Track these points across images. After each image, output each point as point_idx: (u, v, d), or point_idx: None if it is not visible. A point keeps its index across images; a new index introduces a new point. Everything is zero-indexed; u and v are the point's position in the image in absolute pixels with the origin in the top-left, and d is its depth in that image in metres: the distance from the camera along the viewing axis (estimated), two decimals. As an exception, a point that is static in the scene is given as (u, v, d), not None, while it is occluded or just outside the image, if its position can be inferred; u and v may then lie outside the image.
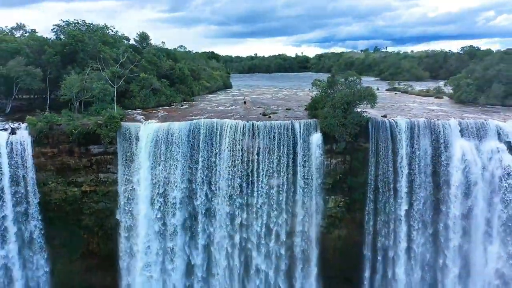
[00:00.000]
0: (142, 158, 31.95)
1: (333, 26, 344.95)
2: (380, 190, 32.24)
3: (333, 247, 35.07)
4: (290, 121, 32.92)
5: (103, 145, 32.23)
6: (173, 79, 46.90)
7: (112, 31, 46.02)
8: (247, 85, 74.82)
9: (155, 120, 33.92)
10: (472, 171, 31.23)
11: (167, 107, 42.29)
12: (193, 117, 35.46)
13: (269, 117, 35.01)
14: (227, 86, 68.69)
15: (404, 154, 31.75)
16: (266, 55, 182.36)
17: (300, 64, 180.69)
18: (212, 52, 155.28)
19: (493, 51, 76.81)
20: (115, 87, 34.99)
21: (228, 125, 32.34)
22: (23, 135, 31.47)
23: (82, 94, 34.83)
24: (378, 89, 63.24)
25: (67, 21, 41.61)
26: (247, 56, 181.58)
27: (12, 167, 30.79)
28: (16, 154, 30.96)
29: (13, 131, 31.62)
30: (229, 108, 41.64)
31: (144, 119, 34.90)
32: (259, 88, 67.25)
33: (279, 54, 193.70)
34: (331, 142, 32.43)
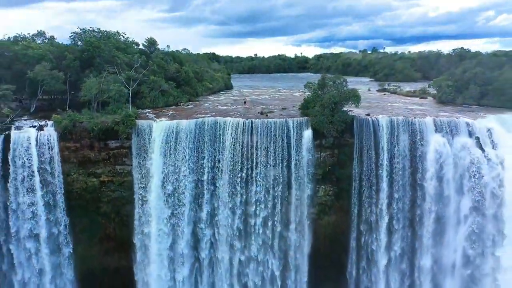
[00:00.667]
0: (155, 152, 36.25)
1: (333, 26, 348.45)
2: (364, 180, 36.54)
3: (324, 233, 39.45)
4: (284, 119, 37.23)
5: (120, 140, 36.54)
6: (179, 81, 51.19)
7: (123, 37, 50.30)
8: (246, 86, 79.11)
9: (165, 118, 38.28)
10: (444, 162, 35.52)
11: (174, 106, 46.60)
12: (198, 115, 39.78)
13: (266, 115, 39.30)
14: (228, 87, 72.94)
15: (385, 148, 36.06)
16: (266, 55, 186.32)
17: (299, 65, 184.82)
18: (213, 53, 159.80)
19: (481, 53, 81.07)
20: (130, 89, 39.29)
21: (230, 122, 36.62)
22: (50, 131, 35.76)
23: (100, 95, 39.09)
24: (369, 89, 67.99)
25: (83, 28, 46.04)
26: (247, 57, 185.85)
27: (41, 160, 35.07)
28: (44, 148, 35.24)
29: (40, 128, 35.94)
30: (230, 108, 45.97)
31: (155, 117, 39.22)
32: (258, 89, 71.55)
33: (278, 55, 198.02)
34: (321, 138, 36.75)
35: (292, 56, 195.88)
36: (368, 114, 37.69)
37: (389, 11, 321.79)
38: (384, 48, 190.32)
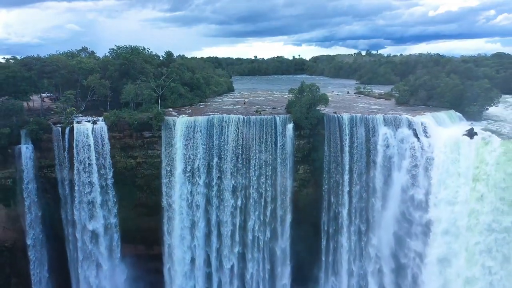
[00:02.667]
0: (178, 140, 49.36)
1: (334, 25, 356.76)
2: (332, 160, 49.43)
3: (303, 201, 52.38)
4: (273, 116, 50.28)
5: (152, 131, 49.63)
6: (192, 85, 64.20)
7: (148, 52, 63.28)
8: (246, 89, 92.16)
9: (185, 115, 51.38)
10: (389, 147, 48.38)
11: (189, 106, 59.62)
12: (209, 113, 52.81)
13: (260, 113, 52.34)
14: (230, 89, 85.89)
15: (347, 137, 49.01)
16: (266, 56, 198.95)
17: (297, 67, 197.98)
18: (216, 57, 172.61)
19: (452, 59, 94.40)
20: (159, 93, 52.49)
21: (232, 118, 49.69)
22: (101, 124, 48.86)
23: (135, 98, 52.21)
24: (348, 92, 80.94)
25: (119, 46, 59.04)
26: (247, 59, 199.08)
27: (96, 146, 48.19)
28: (98, 137, 48.31)
29: (94, 122, 49.07)
30: (233, 107, 59.03)
31: (177, 114, 52.32)
32: (255, 91, 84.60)
33: (277, 56, 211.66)
34: (300, 130, 49.66)
35: (290, 58, 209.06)
36: (335, 112, 50.76)
37: (389, 11, 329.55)
38: (378, 51, 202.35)
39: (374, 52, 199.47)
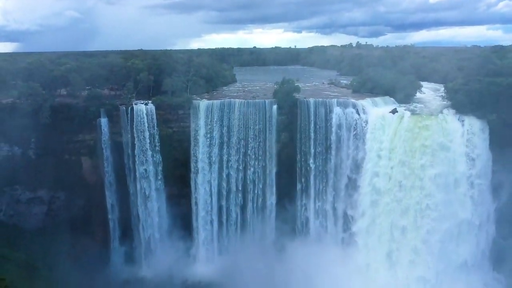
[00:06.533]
0: (201, 116, 74.74)
1: (334, 12, 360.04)
2: (302, 131, 74.58)
3: (284, 159, 77.85)
4: (264, 100, 75.69)
5: (184, 110, 75.00)
6: (207, 78, 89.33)
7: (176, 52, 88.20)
8: (246, 79, 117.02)
9: (205, 100, 76.68)
10: (341, 123, 73.53)
11: (206, 94, 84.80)
12: (221, 98, 77.98)
13: (255, 98, 77.68)
14: (233, 80, 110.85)
15: (312, 115, 74.24)
16: (266, 44, 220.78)
17: (292, 57, 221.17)
18: (218, 49, 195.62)
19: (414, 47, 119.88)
20: (188, 85, 77.88)
21: (237, 102, 75.06)
22: (151, 106, 74.06)
23: (171, 88, 77.38)
24: (323, 83, 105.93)
25: (155, 50, 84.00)
26: (247, 49, 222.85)
27: (147, 119, 73.47)
28: (149, 114, 73.49)
29: (146, 104, 74.30)
30: (237, 94, 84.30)
31: (199, 99, 77.56)
32: (253, 82, 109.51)
33: (275, 47, 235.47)
34: (281, 109, 74.59)
35: (289, 46, 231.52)
36: (305, 97, 76.09)
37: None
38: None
39: (370, 41, 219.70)
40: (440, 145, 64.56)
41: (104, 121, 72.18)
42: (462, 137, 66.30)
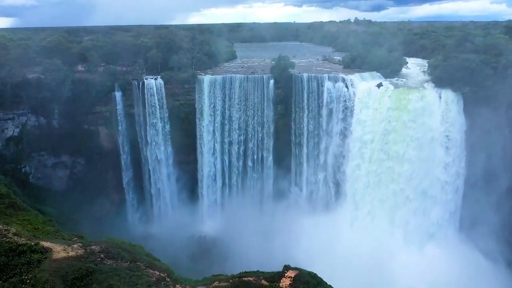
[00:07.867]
0: (205, 90, 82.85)
1: None
2: (297, 103, 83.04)
3: (280, 127, 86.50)
4: (262, 75, 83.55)
5: (190, 84, 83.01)
6: (210, 55, 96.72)
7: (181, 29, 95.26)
8: (245, 56, 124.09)
9: (208, 75, 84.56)
10: (331, 94, 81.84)
11: (209, 69, 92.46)
12: (223, 73, 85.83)
13: (254, 73, 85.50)
14: (234, 57, 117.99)
15: (305, 88, 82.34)
16: (266, 18, 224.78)
17: (292, 34, 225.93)
18: (219, 24, 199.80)
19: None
20: (193, 61, 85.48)
21: (238, 77, 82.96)
22: (159, 81, 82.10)
23: (178, 64, 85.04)
24: (318, 59, 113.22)
25: (163, 25, 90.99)
26: (247, 24, 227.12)
27: (157, 93, 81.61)
28: (158, 88, 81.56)
29: (156, 79, 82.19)
30: (237, 70, 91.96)
31: (203, 74, 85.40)
32: (253, 58, 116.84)
33: (275, 23, 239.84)
34: (278, 83, 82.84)
35: (289, 21, 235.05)
36: (299, 73, 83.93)
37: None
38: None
39: (372, 16, 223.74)
40: (419, 113, 73.37)
41: (118, 94, 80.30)
42: (439, 108, 74.77)
